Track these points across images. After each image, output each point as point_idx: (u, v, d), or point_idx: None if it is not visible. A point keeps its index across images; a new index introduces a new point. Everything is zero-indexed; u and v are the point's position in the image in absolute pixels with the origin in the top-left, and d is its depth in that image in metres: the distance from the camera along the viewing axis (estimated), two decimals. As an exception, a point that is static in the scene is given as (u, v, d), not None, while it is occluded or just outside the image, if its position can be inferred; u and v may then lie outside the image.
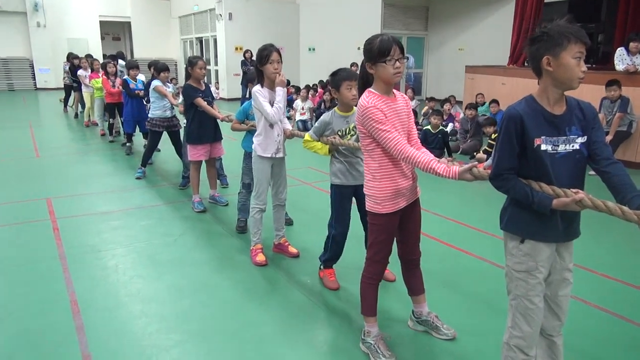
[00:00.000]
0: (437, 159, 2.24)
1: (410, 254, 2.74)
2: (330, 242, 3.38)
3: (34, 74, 19.89)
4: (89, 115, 10.77)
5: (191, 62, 4.87)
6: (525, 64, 10.58)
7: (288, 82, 15.24)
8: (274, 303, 3.24)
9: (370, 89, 2.40)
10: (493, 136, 6.85)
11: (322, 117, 3.28)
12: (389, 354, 2.54)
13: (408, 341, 2.79)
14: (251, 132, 4.06)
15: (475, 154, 7.19)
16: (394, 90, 2.47)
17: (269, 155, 3.68)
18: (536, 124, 1.85)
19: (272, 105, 3.57)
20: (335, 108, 3.26)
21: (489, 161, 6.52)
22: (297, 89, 13.19)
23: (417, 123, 8.16)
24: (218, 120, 4.95)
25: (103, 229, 4.58)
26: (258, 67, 3.59)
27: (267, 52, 3.53)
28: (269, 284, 3.51)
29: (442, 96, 10.48)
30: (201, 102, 4.80)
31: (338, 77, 3.13)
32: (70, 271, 3.67)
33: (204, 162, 5.17)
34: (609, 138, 6.68)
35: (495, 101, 8.80)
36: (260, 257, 3.78)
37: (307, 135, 3.33)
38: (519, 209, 1.98)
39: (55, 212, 5.03)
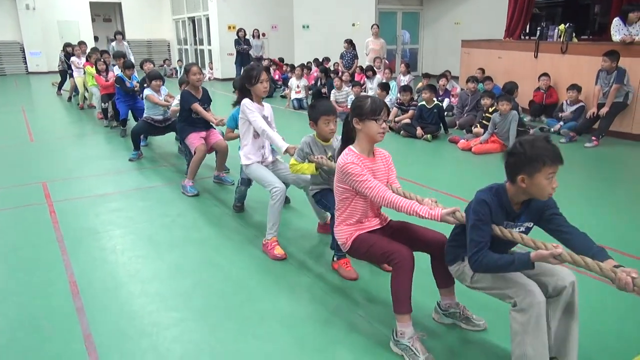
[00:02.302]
0: (419, 203, 2.40)
1: (430, 245, 2.56)
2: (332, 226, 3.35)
3: (25, 57, 19.62)
4: (84, 99, 10.74)
5: (186, 69, 5.10)
6: (522, 37, 10.49)
7: (282, 60, 15.09)
8: (274, 281, 3.26)
9: (350, 147, 2.57)
10: (490, 109, 6.81)
11: (303, 140, 3.40)
12: (427, 354, 2.34)
13: (437, 335, 2.61)
14: None
15: (473, 128, 7.14)
16: (376, 149, 2.65)
17: (268, 162, 3.91)
18: (498, 215, 2.12)
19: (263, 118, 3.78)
20: (314, 135, 3.40)
21: (485, 135, 6.50)
22: (292, 67, 13.07)
23: (412, 99, 8.10)
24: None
25: (101, 211, 4.58)
26: (246, 86, 3.75)
27: (256, 73, 3.70)
28: (269, 262, 3.53)
29: (438, 72, 10.40)
30: (198, 107, 4.97)
31: (316, 111, 3.28)
32: (69, 253, 3.67)
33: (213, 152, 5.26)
34: (605, 110, 6.66)
35: (489, 78, 8.72)
36: (279, 251, 3.54)
37: (292, 160, 3.44)
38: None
39: (52, 195, 5.01)
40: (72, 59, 10.76)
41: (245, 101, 3.75)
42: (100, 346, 2.56)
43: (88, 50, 10.60)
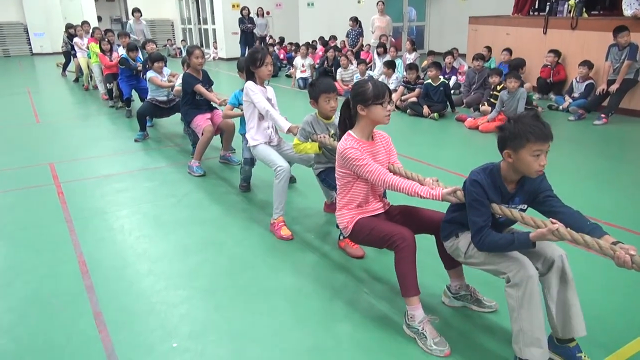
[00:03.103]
0: (420, 183, 2.40)
1: (433, 225, 2.52)
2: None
3: (29, 39, 19.57)
4: (88, 80, 10.73)
5: (188, 51, 5.10)
6: (531, 13, 10.29)
7: (282, 40, 14.87)
8: (280, 259, 3.28)
9: (350, 132, 2.55)
10: (498, 87, 6.73)
11: (305, 120, 3.40)
12: (438, 339, 2.31)
13: (447, 318, 2.57)
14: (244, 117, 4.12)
15: (480, 106, 7.06)
16: (375, 132, 2.63)
17: (274, 144, 3.89)
18: (492, 195, 2.12)
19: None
20: (316, 113, 3.40)
21: (493, 113, 6.43)
22: (297, 46, 12.94)
23: (418, 77, 8.00)
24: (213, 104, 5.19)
25: (107, 192, 4.60)
26: (250, 69, 3.77)
27: (261, 55, 3.74)
28: (274, 241, 3.54)
29: (444, 49, 10.23)
30: (200, 88, 5.00)
31: (316, 90, 3.29)
32: (77, 233, 3.70)
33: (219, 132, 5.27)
34: (615, 86, 6.55)
35: (508, 50, 8.59)
36: (285, 231, 3.53)
37: (295, 140, 3.45)
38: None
39: (59, 176, 5.04)
40: (75, 39, 10.74)
41: (249, 84, 3.77)
42: (110, 323, 2.59)
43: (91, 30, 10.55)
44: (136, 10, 11.35)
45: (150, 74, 6.12)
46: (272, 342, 2.43)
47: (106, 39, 8.67)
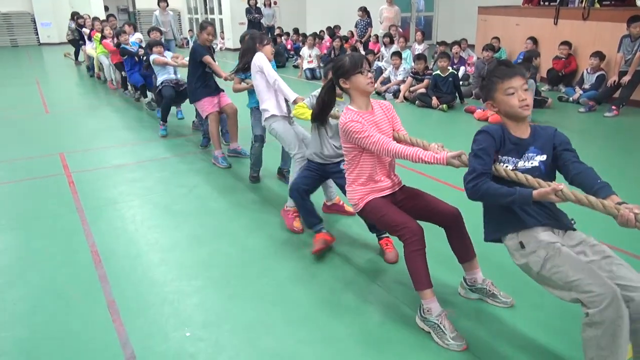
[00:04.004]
0: (425, 149, 2.39)
1: (443, 218, 2.52)
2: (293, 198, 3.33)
3: (36, 29, 19.58)
4: (99, 68, 10.71)
5: (202, 26, 5.10)
6: (541, 3, 10.18)
7: (288, 34, 14.77)
8: (291, 250, 3.29)
9: (348, 106, 2.58)
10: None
11: (316, 92, 3.36)
12: (455, 333, 2.30)
13: (463, 311, 2.56)
14: (253, 91, 4.13)
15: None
16: (373, 101, 2.63)
17: (284, 113, 3.82)
18: (504, 144, 2.09)
19: None
20: None
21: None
22: (304, 37, 12.88)
23: (427, 68, 7.95)
24: (217, 80, 5.16)
25: (118, 182, 4.62)
26: (257, 46, 3.94)
27: (262, 35, 4.05)
28: (286, 232, 3.55)
29: (453, 40, 10.14)
30: (209, 59, 4.97)
31: (327, 67, 3.29)
32: (89, 223, 3.73)
33: (224, 116, 5.21)
34: (627, 78, 6.49)
35: (532, 38, 8.55)
36: (297, 224, 3.53)
37: (301, 103, 3.46)
38: (496, 215, 2.15)
39: (70, 166, 5.07)
40: (83, 29, 10.77)
41: (259, 54, 3.83)
42: (123, 312, 2.62)
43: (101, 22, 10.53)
44: (162, 0, 10.34)
45: (153, 57, 6.14)
46: (285, 332, 2.45)
47: (108, 25, 8.63)
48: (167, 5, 10.47)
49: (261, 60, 3.80)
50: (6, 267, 3.15)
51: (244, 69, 4.20)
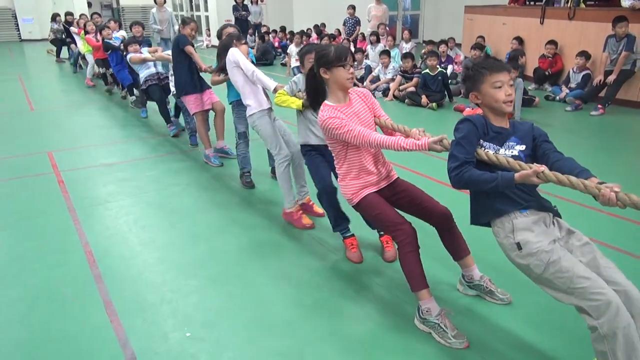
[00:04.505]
0: (405, 134, 2.42)
1: (433, 216, 2.52)
2: (323, 203, 3.17)
3: (17, 24, 19.22)
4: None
5: (185, 21, 5.21)
6: (527, 3, 10.31)
7: (275, 32, 14.68)
8: (289, 248, 3.29)
9: (325, 102, 2.57)
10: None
11: (296, 77, 3.45)
12: (456, 331, 2.31)
13: (458, 308, 2.56)
14: (231, 83, 4.07)
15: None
16: (350, 92, 2.61)
17: (267, 107, 3.77)
18: (485, 131, 2.11)
19: None
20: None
21: (492, 104, 6.44)
22: (291, 34, 12.85)
23: (415, 66, 8.00)
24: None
25: (109, 181, 4.57)
26: (234, 44, 3.90)
27: (242, 37, 4.04)
28: (283, 229, 3.55)
29: (439, 39, 10.21)
30: (191, 49, 4.91)
31: (302, 53, 3.33)
32: (81, 222, 3.68)
33: (212, 114, 5.13)
34: (612, 77, 6.60)
35: (518, 38, 8.63)
36: (307, 220, 3.55)
37: (281, 90, 3.43)
38: (482, 200, 2.15)
39: (58, 165, 4.99)
40: (71, 28, 10.65)
41: (232, 49, 3.79)
42: (121, 313, 2.59)
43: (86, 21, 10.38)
44: None
45: (129, 56, 6.15)
46: (286, 330, 2.45)
47: (91, 21, 8.56)
48: (165, 2, 9.98)
49: (236, 54, 3.76)
50: (0, 269, 3.09)
51: (223, 67, 4.04)
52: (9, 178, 4.68)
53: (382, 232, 3.19)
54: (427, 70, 7.41)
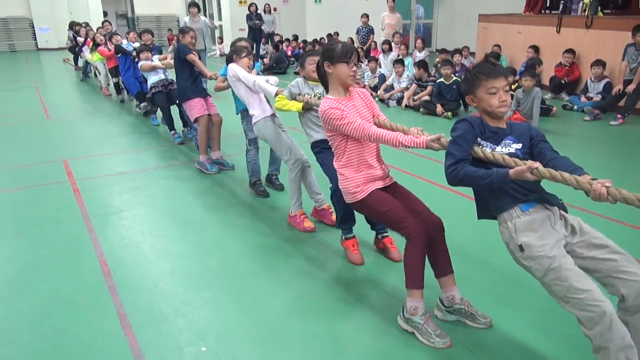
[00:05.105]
0: (403, 133, 2.41)
1: (426, 225, 2.42)
2: (334, 199, 3.16)
3: (34, 33, 19.53)
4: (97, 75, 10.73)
5: (183, 31, 5.29)
6: (542, 11, 10.21)
7: (288, 41, 14.75)
8: (303, 259, 3.23)
9: (326, 96, 2.62)
10: (513, 87, 6.67)
11: (294, 81, 3.51)
12: (439, 331, 2.34)
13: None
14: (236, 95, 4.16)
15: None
16: (351, 89, 2.65)
17: (270, 114, 3.87)
18: (482, 131, 2.15)
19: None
20: (303, 77, 3.51)
21: (508, 112, 6.36)
22: (304, 43, 12.89)
23: (429, 75, 7.94)
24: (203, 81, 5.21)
25: (123, 189, 4.56)
26: (234, 58, 4.05)
27: (243, 50, 4.08)
28: (296, 239, 3.50)
29: (452, 47, 10.14)
30: (193, 57, 5.04)
31: (303, 57, 3.48)
32: (96, 231, 3.67)
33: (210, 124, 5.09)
34: (632, 87, 6.48)
35: (533, 47, 8.53)
36: (308, 224, 3.59)
37: (281, 95, 3.51)
38: (485, 196, 2.17)
39: (73, 173, 5.00)
40: (78, 38, 10.80)
41: (231, 65, 3.98)
42: (135, 324, 2.56)
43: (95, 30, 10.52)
44: (193, 5, 8.99)
45: (140, 63, 6.25)
46: (303, 345, 2.40)
47: (98, 33, 8.64)
48: (199, 11, 9.21)
49: (234, 68, 3.92)
50: (13, 276, 3.09)
51: None
52: (25, 186, 4.69)
53: (382, 235, 3.20)
54: (442, 79, 7.35)
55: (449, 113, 7.11)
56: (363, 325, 2.53)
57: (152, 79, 6.18)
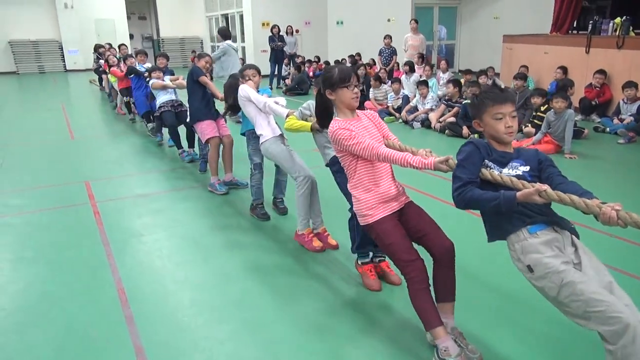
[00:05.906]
0: (412, 154, 2.36)
1: (437, 248, 2.39)
2: (352, 222, 3.12)
3: (63, 55, 20.03)
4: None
5: (200, 55, 5.44)
6: (569, 32, 10.02)
7: (310, 62, 14.75)
8: (328, 287, 3.08)
9: (335, 118, 2.59)
10: (542, 108, 6.46)
11: (306, 104, 3.49)
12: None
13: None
14: (245, 116, 4.14)
15: (523, 127, 6.78)
16: (358, 112, 2.63)
17: (279, 134, 3.89)
18: (488, 154, 2.14)
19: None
20: None
21: (539, 135, 6.17)
22: (326, 64, 12.87)
23: (461, 95, 7.77)
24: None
25: (144, 212, 4.49)
26: (240, 81, 4.07)
27: (245, 75, 4.07)
28: (316, 265, 3.35)
29: (475, 68, 9.99)
30: (205, 79, 5.12)
31: (318, 80, 3.38)
32: (115, 257, 3.57)
33: (221, 146, 5.06)
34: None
35: (562, 67, 8.36)
36: (317, 243, 3.58)
37: (293, 116, 3.50)
38: (493, 219, 2.13)
39: (95, 195, 4.96)
40: (100, 61, 11.05)
41: (242, 86, 3.95)
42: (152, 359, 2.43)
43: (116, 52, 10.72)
44: (225, 35, 9.31)
45: (152, 81, 6.33)
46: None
47: (112, 54, 8.78)
48: (229, 37, 9.16)
49: (245, 89, 3.91)
50: (32, 304, 3.00)
51: (233, 106, 4.25)
52: (46, 208, 4.66)
53: (380, 258, 3.12)
54: (468, 100, 7.19)
55: (476, 135, 6.92)
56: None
57: (162, 98, 6.27)
